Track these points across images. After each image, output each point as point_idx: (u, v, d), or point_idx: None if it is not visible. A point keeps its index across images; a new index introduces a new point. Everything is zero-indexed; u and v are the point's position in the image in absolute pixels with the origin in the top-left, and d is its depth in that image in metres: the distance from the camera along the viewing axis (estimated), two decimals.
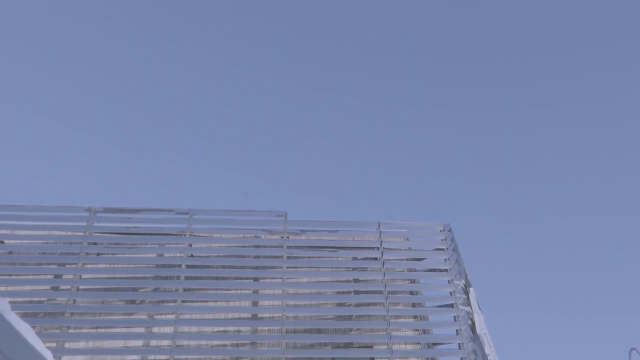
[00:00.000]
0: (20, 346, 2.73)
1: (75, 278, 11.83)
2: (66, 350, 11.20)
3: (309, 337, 11.78)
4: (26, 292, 11.95)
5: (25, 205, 12.50)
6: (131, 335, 11.64)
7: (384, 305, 11.87)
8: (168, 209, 12.69)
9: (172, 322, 11.48)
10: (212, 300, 12.09)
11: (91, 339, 11.49)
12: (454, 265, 12.42)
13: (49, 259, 12.31)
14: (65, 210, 12.60)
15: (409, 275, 12.73)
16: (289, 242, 12.62)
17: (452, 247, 12.65)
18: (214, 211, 12.77)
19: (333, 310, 12.08)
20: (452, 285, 12.19)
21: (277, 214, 12.79)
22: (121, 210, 12.71)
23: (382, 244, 12.62)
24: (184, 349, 11.53)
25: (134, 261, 12.46)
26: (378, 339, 11.73)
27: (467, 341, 11.44)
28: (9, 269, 12.19)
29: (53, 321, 11.42)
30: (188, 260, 12.25)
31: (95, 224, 12.52)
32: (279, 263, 12.28)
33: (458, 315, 11.78)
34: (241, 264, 12.42)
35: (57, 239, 12.60)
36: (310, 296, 12.23)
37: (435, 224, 13.02)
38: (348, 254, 12.69)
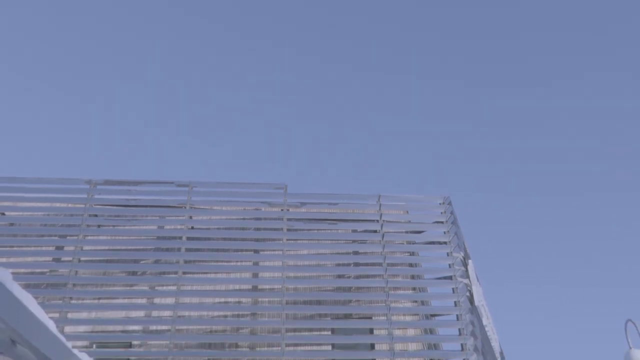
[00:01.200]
0: (23, 315, 2.76)
1: (77, 250, 11.90)
2: (69, 321, 11.33)
3: (308, 308, 11.90)
4: (28, 264, 12.04)
5: (26, 177, 12.51)
6: (133, 306, 11.77)
7: (383, 277, 11.96)
8: (168, 181, 12.70)
9: (173, 294, 11.59)
10: (212, 271, 12.19)
11: (93, 309, 11.62)
12: (453, 238, 12.48)
13: (50, 230, 12.36)
14: (66, 183, 12.60)
15: (408, 248, 12.80)
16: (289, 215, 12.65)
17: (452, 220, 12.69)
18: (214, 184, 12.78)
19: (333, 282, 12.18)
20: (451, 257, 12.27)
21: (277, 187, 12.80)
22: (121, 182, 12.72)
23: (382, 216, 12.66)
24: (185, 319, 11.66)
25: (134, 233, 12.51)
26: (377, 310, 11.85)
27: (465, 312, 11.56)
28: (11, 240, 12.26)
29: (55, 292, 11.53)
30: (188, 232, 12.31)
31: (95, 196, 12.54)
32: (279, 235, 12.33)
33: (456, 287, 11.89)
34: (241, 236, 12.49)
35: (58, 211, 12.63)
36: (310, 268, 12.32)
37: (435, 197, 13.04)
38: (348, 226, 12.74)
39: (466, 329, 11.39)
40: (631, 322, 9.34)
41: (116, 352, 11.42)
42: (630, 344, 9.69)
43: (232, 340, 11.61)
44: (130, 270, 12.18)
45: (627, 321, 9.52)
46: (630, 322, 9.36)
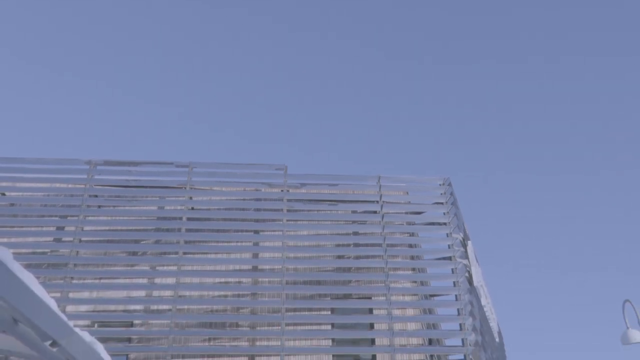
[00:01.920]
0: (24, 294, 2.78)
1: (77, 230, 11.93)
2: (70, 300, 11.40)
3: (308, 288, 11.98)
4: (29, 244, 12.08)
5: (26, 157, 12.50)
6: (134, 285, 11.84)
7: (383, 257, 12.01)
8: (168, 161, 12.68)
9: (173, 274, 11.65)
10: (213, 252, 12.24)
11: (94, 289, 11.69)
12: (452, 219, 12.50)
13: (50, 211, 12.39)
14: (66, 163, 12.59)
15: (408, 229, 12.84)
16: (289, 196, 12.67)
17: (452, 201, 12.70)
18: (214, 164, 12.77)
19: (332, 263, 12.24)
20: (451, 238, 12.30)
21: (277, 167, 12.79)
22: (121, 163, 12.71)
23: (382, 197, 12.66)
24: (186, 299, 11.74)
25: (134, 213, 12.54)
26: (377, 290, 11.92)
27: (464, 293, 11.64)
28: (11, 220, 12.29)
29: (56, 272, 11.59)
30: (189, 212, 12.33)
31: (95, 177, 12.54)
32: (279, 216, 12.36)
33: (456, 268, 11.94)
34: (241, 216, 12.51)
35: (58, 192, 12.64)
36: (310, 249, 12.37)
37: (434, 178, 13.04)
38: (348, 207, 12.76)
39: (465, 309, 11.47)
40: (629, 303, 9.40)
41: (117, 331, 11.52)
42: (628, 324, 9.78)
43: (233, 319, 11.70)
44: (130, 250, 12.23)
45: (624, 302, 9.59)
46: (628, 303, 9.43)
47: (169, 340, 11.00)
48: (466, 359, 11.14)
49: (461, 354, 11.50)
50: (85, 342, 3.57)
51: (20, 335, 3.59)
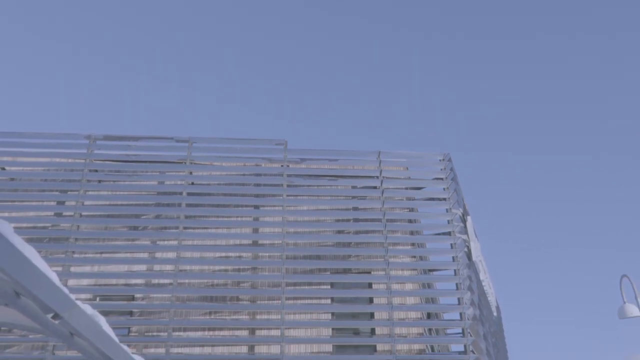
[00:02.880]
0: (25, 267, 2.79)
1: (78, 205, 11.96)
2: (72, 274, 11.49)
3: (308, 263, 12.06)
4: (30, 218, 12.13)
5: (25, 132, 12.46)
6: (135, 260, 11.92)
7: (382, 232, 12.06)
8: (168, 136, 12.65)
9: (174, 248, 11.71)
10: (213, 227, 12.29)
11: (96, 263, 11.78)
12: (452, 195, 12.52)
13: (50, 185, 12.40)
14: (65, 138, 12.56)
15: (407, 204, 12.87)
16: (289, 171, 12.67)
17: (451, 177, 12.70)
18: (213, 139, 12.74)
19: (332, 238, 12.30)
20: (450, 213, 12.34)
21: (277, 143, 12.77)
22: (121, 137, 12.68)
23: (382, 173, 12.66)
24: (187, 273, 11.83)
25: (135, 188, 12.56)
26: (376, 265, 12.00)
27: (462, 268, 11.71)
28: (12, 195, 12.31)
29: (58, 246, 11.65)
30: (189, 187, 12.34)
31: (95, 152, 12.52)
32: (279, 191, 12.38)
33: (455, 243, 12.00)
34: (242, 191, 12.53)
35: (58, 166, 12.64)
36: (310, 224, 12.41)
37: (435, 153, 13.02)
38: (348, 182, 12.77)
39: (463, 283, 11.56)
40: (626, 278, 9.47)
41: (119, 305, 11.64)
42: (625, 299, 9.86)
43: (233, 293, 11.80)
44: (131, 225, 12.28)
45: (622, 277, 9.66)
46: (626, 278, 9.50)
47: (170, 314, 11.11)
48: (464, 333, 11.27)
49: (459, 327, 11.64)
50: (87, 315, 3.60)
51: (22, 308, 3.63)
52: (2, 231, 2.39)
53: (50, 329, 4.12)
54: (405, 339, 11.44)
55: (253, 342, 11.53)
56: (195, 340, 11.36)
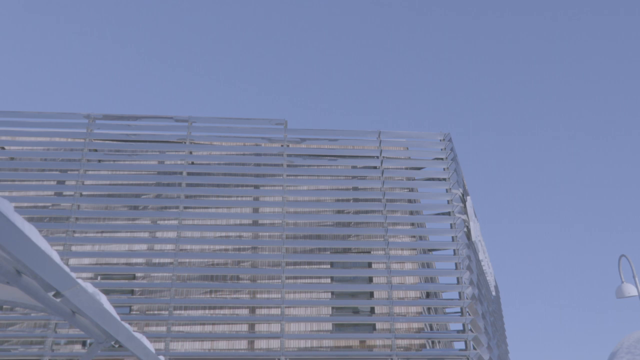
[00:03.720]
0: (26, 246, 2.81)
1: (78, 184, 11.98)
2: (73, 253, 11.55)
3: (308, 242, 12.11)
4: (30, 198, 12.15)
5: (24, 111, 12.41)
6: (135, 239, 11.97)
7: (382, 212, 12.09)
8: (167, 116, 12.62)
9: (174, 227, 11.76)
10: (213, 206, 12.32)
11: (97, 242, 11.83)
12: (452, 175, 12.53)
13: (51, 165, 12.40)
14: (64, 117, 12.53)
15: (407, 184, 12.88)
16: (289, 151, 12.66)
17: (452, 157, 12.70)
18: (213, 119, 12.70)
19: (332, 217, 12.34)
20: (450, 194, 12.36)
21: (277, 122, 12.74)
22: (120, 117, 12.65)
23: (382, 152, 12.66)
24: (187, 252, 11.89)
25: (135, 168, 12.56)
26: (375, 244, 12.07)
27: (461, 248, 11.77)
28: (12, 174, 12.31)
29: (58, 225, 11.69)
30: (189, 167, 12.35)
31: (95, 131, 12.50)
32: (279, 171, 12.38)
33: (454, 223, 12.04)
34: (242, 171, 12.54)
35: (58, 146, 12.62)
36: (310, 203, 12.44)
37: (435, 133, 13.00)
38: (348, 162, 12.77)
39: (462, 263, 11.62)
40: (625, 257, 9.52)
41: (120, 284, 11.72)
42: (623, 278, 9.92)
43: (234, 272, 11.88)
44: (131, 204, 12.30)
45: (620, 257, 9.70)
46: (624, 257, 9.55)
47: (171, 293, 11.19)
48: (463, 312, 11.36)
49: (458, 306, 11.73)
50: (88, 293, 3.62)
51: (24, 287, 3.65)
52: (2, 209, 2.39)
53: (52, 307, 4.15)
54: (404, 317, 11.54)
55: (253, 320, 11.63)
56: (195, 318, 11.45)
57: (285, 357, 10.88)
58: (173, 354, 10.85)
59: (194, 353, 11.18)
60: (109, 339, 4.70)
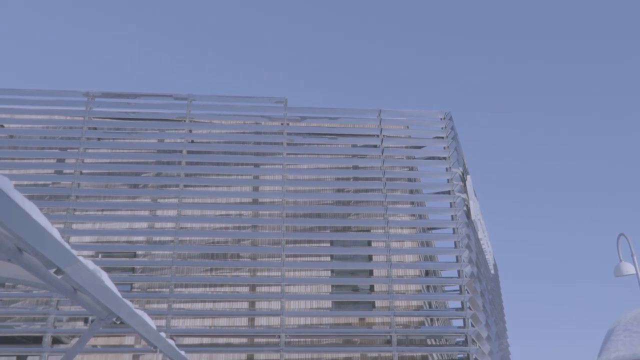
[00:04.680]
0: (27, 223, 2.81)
1: (78, 162, 11.96)
2: (74, 231, 11.59)
3: (308, 221, 12.14)
4: (30, 176, 12.15)
5: (23, 89, 12.34)
6: (136, 217, 11.99)
7: (382, 191, 12.10)
8: (167, 94, 12.55)
9: (175, 206, 11.77)
10: (213, 185, 12.32)
11: (97, 221, 11.86)
12: (452, 153, 12.50)
13: (50, 143, 12.37)
14: (63, 95, 12.46)
15: (407, 163, 12.86)
16: (289, 129, 12.61)
17: (452, 136, 12.66)
18: (213, 97, 12.63)
19: (332, 196, 12.35)
20: (450, 172, 12.35)
21: (276, 101, 12.67)
22: (119, 95, 12.58)
23: (382, 131, 12.62)
24: (188, 231, 11.92)
25: (135, 146, 12.53)
26: (375, 223, 12.09)
27: (461, 226, 11.80)
28: (11, 152, 12.29)
29: (59, 204, 11.70)
30: (189, 146, 12.32)
31: (94, 109, 12.45)
32: (279, 149, 12.36)
33: (454, 202, 12.06)
34: (241, 150, 12.51)
35: (57, 124, 12.58)
36: (310, 182, 12.44)
37: (435, 112, 12.94)
38: (348, 141, 12.74)
39: (462, 242, 11.67)
40: (624, 236, 9.55)
41: (121, 262, 11.77)
42: (621, 257, 9.96)
43: (234, 251, 11.93)
44: (131, 183, 12.31)
45: (619, 235, 9.74)
46: (623, 236, 9.58)
47: (171, 270, 11.25)
48: (461, 290, 11.44)
49: (457, 284, 11.81)
50: (89, 270, 3.64)
51: (25, 264, 3.66)
52: (2, 187, 2.39)
53: (53, 284, 4.17)
54: (403, 295, 11.62)
55: (254, 298, 11.72)
56: (196, 296, 11.54)
57: (285, 334, 10.98)
58: (174, 330, 10.96)
59: (195, 330, 11.28)
60: (111, 315, 4.74)
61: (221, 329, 11.43)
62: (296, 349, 10.90)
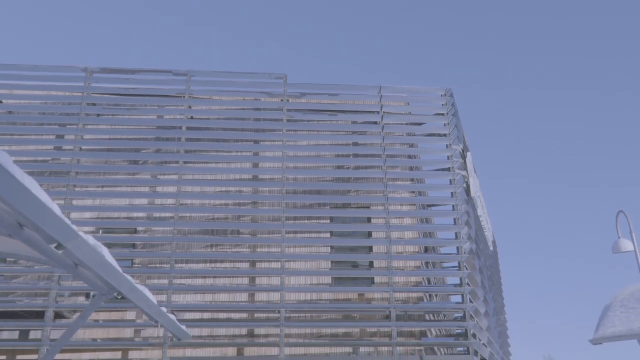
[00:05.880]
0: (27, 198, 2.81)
1: (78, 139, 11.94)
2: (74, 208, 11.61)
3: (308, 197, 12.16)
4: (30, 152, 12.13)
5: (21, 64, 12.26)
6: (136, 194, 12.01)
7: (382, 168, 12.09)
8: (166, 70, 12.46)
9: (175, 183, 11.78)
10: (213, 161, 12.31)
11: (98, 197, 11.88)
12: (453, 131, 12.47)
13: (49, 119, 12.33)
14: (62, 71, 12.38)
15: (408, 140, 12.84)
16: (289, 105, 12.56)
17: (453, 113, 12.61)
18: (212, 73, 12.55)
19: (332, 173, 12.35)
20: (450, 149, 12.33)
21: (276, 77, 12.59)
22: (118, 70, 12.49)
23: (383, 108, 12.56)
24: (188, 207, 11.95)
25: (134, 123, 12.49)
26: (375, 200, 12.12)
27: (461, 203, 11.82)
28: (10, 128, 12.26)
29: (59, 180, 11.71)
30: (188, 122, 12.28)
31: (93, 85, 12.37)
32: (279, 126, 12.32)
33: (454, 179, 12.06)
34: (241, 126, 12.47)
35: (56, 100, 12.52)
36: (310, 159, 12.43)
37: (436, 89, 12.86)
38: (348, 117, 12.69)
39: (461, 219, 11.70)
40: (623, 213, 9.58)
41: (122, 238, 11.83)
42: (620, 234, 10.00)
43: (234, 227, 11.97)
44: (131, 159, 12.30)
45: (619, 212, 9.76)
46: (622, 213, 9.61)
47: (172, 247, 11.31)
48: (460, 267, 11.51)
49: (456, 261, 11.88)
50: (90, 245, 3.65)
51: (26, 239, 3.68)
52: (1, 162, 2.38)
53: (54, 260, 4.20)
54: (402, 271, 11.70)
55: (254, 274, 11.80)
56: (197, 272, 11.61)
57: (285, 309, 11.08)
58: (175, 306, 11.06)
59: (196, 305, 11.38)
60: (112, 290, 4.77)
61: (222, 304, 11.53)
62: (296, 324, 11.01)
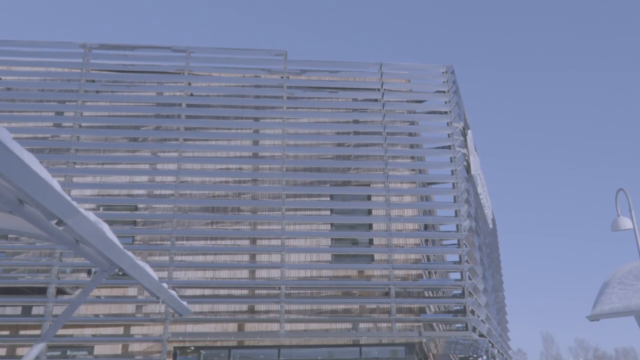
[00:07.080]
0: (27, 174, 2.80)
1: (77, 115, 11.89)
2: (74, 184, 11.62)
3: (308, 175, 12.16)
4: (29, 129, 12.09)
5: (18, 40, 12.15)
6: (137, 171, 12.01)
7: (382, 145, 12.07)
8: (165, 46, 12.36)
9: (175, 160, 11.77)
10: (213, 139, 12.28)
11: (98, 174, 11.87)
12: (454, 108, 12.41)
13: (48, 96, 12.26)
14: (60, 47, 12.28)
15: (408, 117, 12.79)
16: (289, 82, 12.48)
17: (454, 90, 12.54)
18: (212, 49, 12.45)
19: (332, 150, 12.33)
20: (451, 127, 12.29)
21: (276, 53, 12.50)
22: (117, 46, 12.39)
23: (383, 85, 12.49)
24: (188, 184, 11.96)
25: (133, 99, 12.42)
26: (375, 178, 12.12)
27: (461, 181, 11.82)
28: (9, 105, 12.20)
29: (59, 157, 11.70)
30: (188, 99, 12.22)
31: (91, 61, 12.28)
32: (279, 103, 12.26)
33: (454, 157, 12.04)
34: (241, 103, 12.41)
35: (54, 76, 12.44)
36: (310, 136, 12.40)
37: (437, 66, 12.77)
38: (348, 95, 12.62)
39: (461, 196, 11.72)
40: (623, 191, 9.58)
41: (123, 215, 11.86)
42: (619, 212, 10.01)
43: (234, 204, 11.99)
44: (131, 136, 12.27)
45: (618, 190, 9.76)
46: (622, 191, 9.61)
47: (172, 224, 11.34)
48: (460, 244, 11.56)
49: (455, 238, 11.92)
50: (91, 222, 3.66)
51: (27, 216, 3.68)
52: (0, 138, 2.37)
53: (55, 236, 4.20)
54: (402, 248, 11.75)
55: (254, 251, 11.85)
56: (197, 249, 11.66)
57: (285, 285, 11.16)
58: (176, 282, 11.13)
59: (196, 281, 11.46)
60: (113, 266, 4.79)
61: (222, 280, 11.61)
62: (296, 300, 11.10)
